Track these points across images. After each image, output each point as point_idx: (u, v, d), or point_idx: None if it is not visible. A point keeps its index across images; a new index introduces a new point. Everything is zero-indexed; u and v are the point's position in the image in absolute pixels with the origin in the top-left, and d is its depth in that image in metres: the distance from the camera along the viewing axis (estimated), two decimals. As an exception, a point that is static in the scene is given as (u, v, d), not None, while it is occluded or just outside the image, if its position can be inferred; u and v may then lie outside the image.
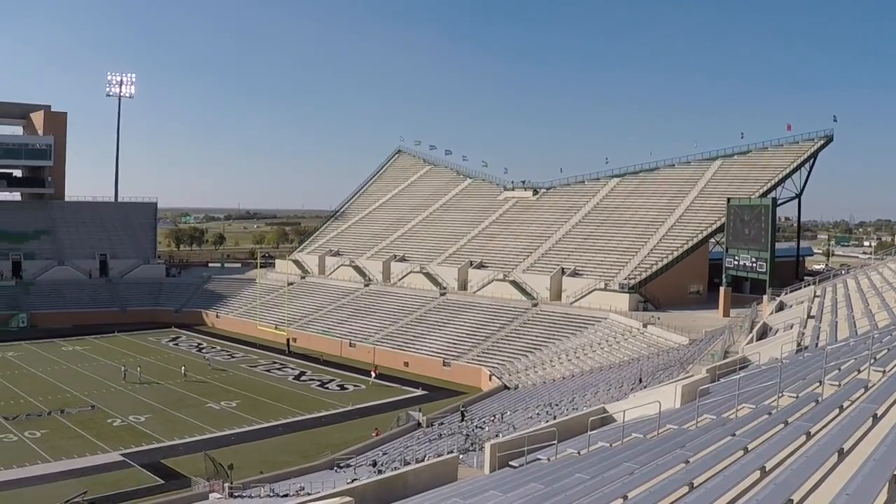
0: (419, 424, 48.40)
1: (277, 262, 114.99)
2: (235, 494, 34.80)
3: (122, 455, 44.93)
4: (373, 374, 66.36)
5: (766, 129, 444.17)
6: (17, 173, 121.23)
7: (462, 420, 46.59)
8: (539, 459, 16.60)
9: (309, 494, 25.94)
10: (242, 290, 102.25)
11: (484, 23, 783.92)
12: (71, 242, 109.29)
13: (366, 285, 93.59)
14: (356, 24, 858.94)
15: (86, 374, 67.08)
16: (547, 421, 29.84)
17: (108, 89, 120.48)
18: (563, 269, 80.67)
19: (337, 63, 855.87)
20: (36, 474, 41.38)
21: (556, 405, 42.64)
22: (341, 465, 40.11)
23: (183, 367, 67.40)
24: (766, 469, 10.05)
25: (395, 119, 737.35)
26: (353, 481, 26.28)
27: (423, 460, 30.18)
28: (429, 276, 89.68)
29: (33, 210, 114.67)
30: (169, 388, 62.40)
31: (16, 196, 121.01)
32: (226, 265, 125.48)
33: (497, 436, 31.80)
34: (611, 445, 15.81)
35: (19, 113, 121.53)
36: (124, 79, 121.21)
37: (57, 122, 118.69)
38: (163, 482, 40.57)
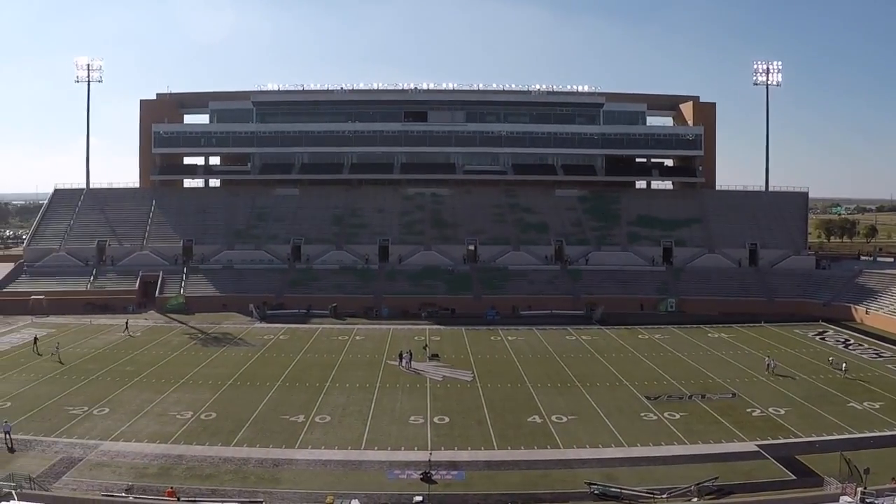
0: None
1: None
2: (867, 500, 33.67)
3: (757, 445, 45.93)
4: None
5: None
6: (669, 163, 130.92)
7: None
8: None
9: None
10: (895, 285, 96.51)
11: None
12: (721, 231, 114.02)
13: None
14: None
15: (729, 362, 69.64)
16: None
17: (754, 78, 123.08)
18: None
19: None
20: (670, 454, 44.52)
21: None
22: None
23: (830, 359, 67.26)
24: None
25: None
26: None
27: None
28: None
29: (684, 199, 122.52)
30: (811, 382, 61.81)
31: (667, 185, 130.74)
32: (878, 259, 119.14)
33: None
34: None
35: (669, 104, 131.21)
36: (770, 67, 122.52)
37: (705, 112, 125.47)
38: (794, 478, 40.60)
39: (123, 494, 37.92)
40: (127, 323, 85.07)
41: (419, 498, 37.69)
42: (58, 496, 37.65)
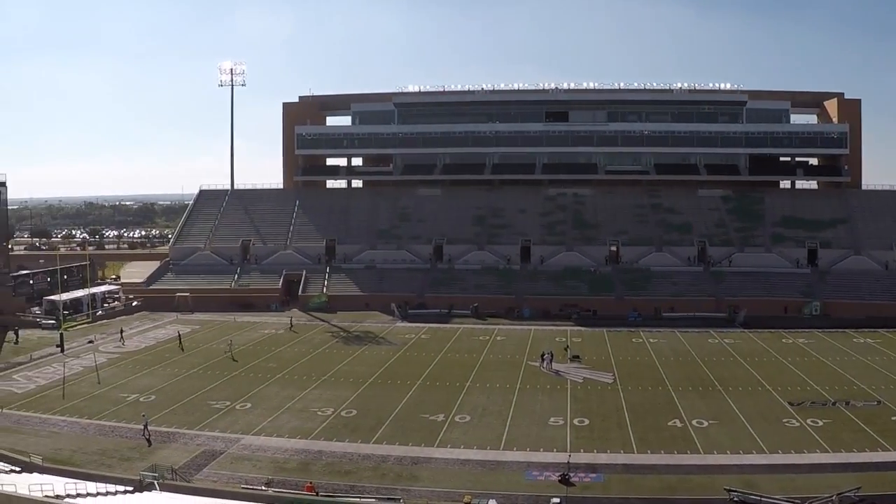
0: None
1: None
2: None
3: (902, 455, 44.64)
4: None
5: None
6: (813, 161, 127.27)
7: None
8: None
9: None
10: None
11: None
12: (868, 232, 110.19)
13: None
14: None
15: (874, 368, 67.53)
16: None
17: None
18: None
19: None
20: (812, 462, 43.60)
21: None
22: None
23: None
24: None
25: None
26: None
27: None
28: None
29: (830, 199, 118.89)
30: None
31: (812, 184, 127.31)
32: None
33: None
34: None
35: (812, 101, 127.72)
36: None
37: (850, 109, 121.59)
38: (941, 491, 39.40)
39: (263, 488, 39.76)
40: (291, 320, 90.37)
41: (557, 500, 38.34)
42: (199, 487, 39.94)
